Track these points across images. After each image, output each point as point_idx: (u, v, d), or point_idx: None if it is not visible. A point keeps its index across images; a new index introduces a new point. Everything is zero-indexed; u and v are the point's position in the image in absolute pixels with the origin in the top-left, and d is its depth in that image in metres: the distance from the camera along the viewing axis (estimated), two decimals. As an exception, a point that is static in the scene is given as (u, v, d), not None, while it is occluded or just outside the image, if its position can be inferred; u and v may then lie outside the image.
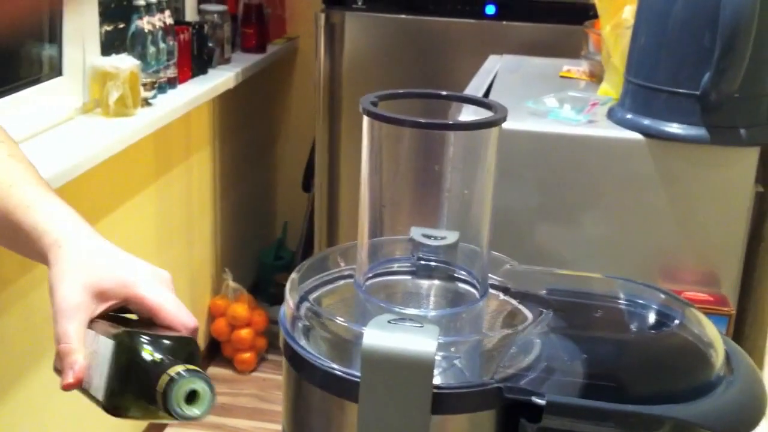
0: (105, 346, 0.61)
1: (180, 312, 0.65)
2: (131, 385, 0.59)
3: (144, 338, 0.60)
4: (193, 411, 0.57)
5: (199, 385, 0.57)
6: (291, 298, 0.63)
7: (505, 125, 0.61)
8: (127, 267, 0.67)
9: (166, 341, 0.61)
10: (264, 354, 2.71)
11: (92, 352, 0.63)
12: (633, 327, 0.67)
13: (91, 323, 0.65)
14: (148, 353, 0.59)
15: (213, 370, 2.65)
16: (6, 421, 1.58)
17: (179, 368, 0.57)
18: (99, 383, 0.61)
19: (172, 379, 0.57)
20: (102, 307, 0.65)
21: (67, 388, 0.64)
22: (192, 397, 0.58)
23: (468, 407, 0.56)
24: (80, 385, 0.64)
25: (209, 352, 2.67)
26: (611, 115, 1.15)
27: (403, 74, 2.24)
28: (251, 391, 2.55)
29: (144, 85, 1.97)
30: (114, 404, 0.60)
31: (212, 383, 0.58)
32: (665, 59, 1.08)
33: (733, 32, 0.99)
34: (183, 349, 0.61)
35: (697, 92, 1.04)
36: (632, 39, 1.13)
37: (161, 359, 0.59)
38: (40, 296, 1.65)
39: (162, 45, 2.08)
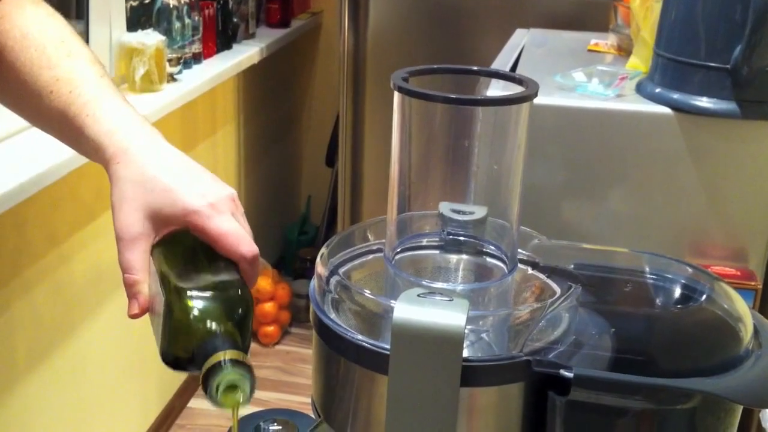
0: (160, 298, 0.61)
1: (239, 242, 0.64)
2: (181, 350, 0.60)
3: (193, 305, 0.60)
4: (227, 402, 0.58)
5: (239, 380, 0.58)
6: (321, 271, 0.64)
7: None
8: (188, 191, 0.65)
9: (217, 304, 0.61)
10: (287, 327, 2.74)
11: (154, 277, 0.63)
12: (661, 301, 0.67)
13: (154, 250, 0.65)
14: (197, 324, 0.59)
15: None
16: (37, 394, 1.61)
17: (226, 356, 0.57)
18: (157, 330, 0.62)
19: (216, 366, 0.57)
20: (163, 232, 0.65)
21: (132, 317, 0.65)
22: (231, 387, 0.58)
23: (497, 380, 0.57)
24: (145, 313, 0.65)
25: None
26: (640, 89, 1.14)
27: (427, 49, 2.23)
28: (275, 364, 2.58)
29: (169, 60, 1.98)
30: (167, 360, 0.61)
31: (254, 377, 0.58)
32: (696, 33, 1.06)
33: (766, 5, 0.98)
34: (234, 309, 0.61)
35: (728, 66, 1.03)
36: (662, 12, 1.12)
37: (210, 330, 0.59)
38: (69, 271, 1.68)
39: (187, 20, 2.08)
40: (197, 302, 0.60)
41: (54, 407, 1.67)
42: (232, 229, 0.65)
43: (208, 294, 0.61)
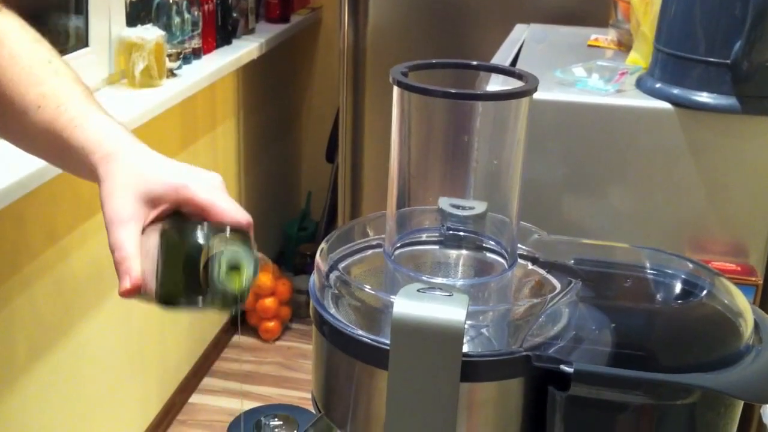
0: (155, 241, 0.62)
1: (231, 209, 0.65)
2: (178, 271, 0.59)
3: (189, 224, 0.61)
4: (233, 283, 0.58)
5: (240, 256, 0.57)
6: (321, 267, 0.64)
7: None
8: (176, 172, 0.67)
9: (212, 226, 0.61)
10: (288, 323, 2.74)
11: (147, 256, 0.63)
12: (661, 297, 0.67)
13: (145, 230, 0.65)
14: (192, 236, 0.59)
15: (238, 339, 2.68)
16: (37, 391, 1.61)
17: (221, 243, 0.57)
18: (152, 279, 0.62)
19: (214, 255, 0.57)
20: (154, 213, 0.66)
21: (124, 294, 0.64)
22: (235, 268, 0.58)
23: (497, 375, 0.57)
24: (138, 292, 0.64)
25: (234, 320, 2.70)
26: (640, 84, 1.14)
27: (427, 44, 2.23)
28: (275, 359, 2.58)
29: (169, 55, 1.98)
30: (164, 294, 0.61)
31: (258, 257, 0.58)
32: (696, 28, 1.06)
33: (765, 1, 0.98)
34: (231, 237, 0.61)
35: (728, 61, 1.03)
36: (662, 7, 1.12)
37: (205, 242, 0.59)
38: (68, 267, 1.68)
39: (187, 15, 2.08)
40: (191, 224, 0.60)
41: (54, 404, 1.67)
42: (222, 198, 0.66)
43: (201, 223, 0.61)
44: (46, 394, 1.64)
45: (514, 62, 1.33)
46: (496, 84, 1.00)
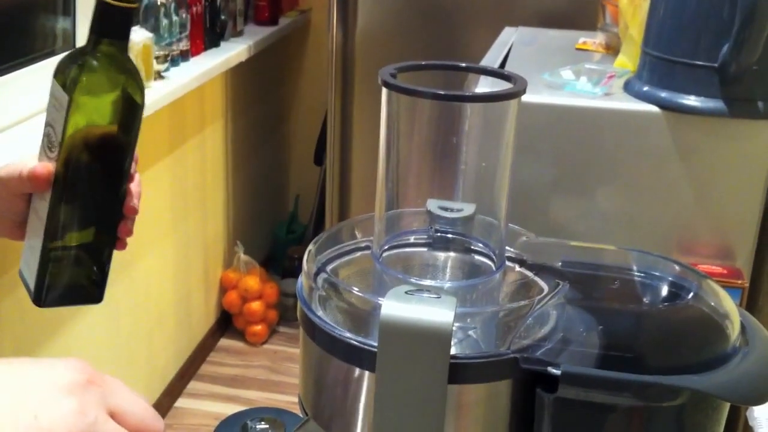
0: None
1: None
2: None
3: None
4: None
5: None
6: (308, 269, 0.63)
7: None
8: None
9: None
10: (275, 326, 2.73)
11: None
12: (649, 299, 0.67)
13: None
14: None
15: (225, 342, 2.67)
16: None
17: None
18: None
19: None
20: None
21: (35, 172, 0.71)
22: None
23: (484, 377, 0.57)
24: (48, 178, 0.71)
25: (221, 324, 2.69)
26: (628, 87, 1.14)
27: (416, 47, 2.23)
28: (262, 363, 2.58)
29: (157, 57, 1.97)
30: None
31: None
32: (683, 31, 1.07)
33: (753, 3, 0.98)
34: None
35: (716, 64, 1.03)
36: (650, 10, 1.12)
37: None
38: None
39: (175, 17, 2.07)
40: None
41: (40, 406, 1.66)
42: None
43: None
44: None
45: (502, 65, 1.34)
46: (484, 86, 1.01)
